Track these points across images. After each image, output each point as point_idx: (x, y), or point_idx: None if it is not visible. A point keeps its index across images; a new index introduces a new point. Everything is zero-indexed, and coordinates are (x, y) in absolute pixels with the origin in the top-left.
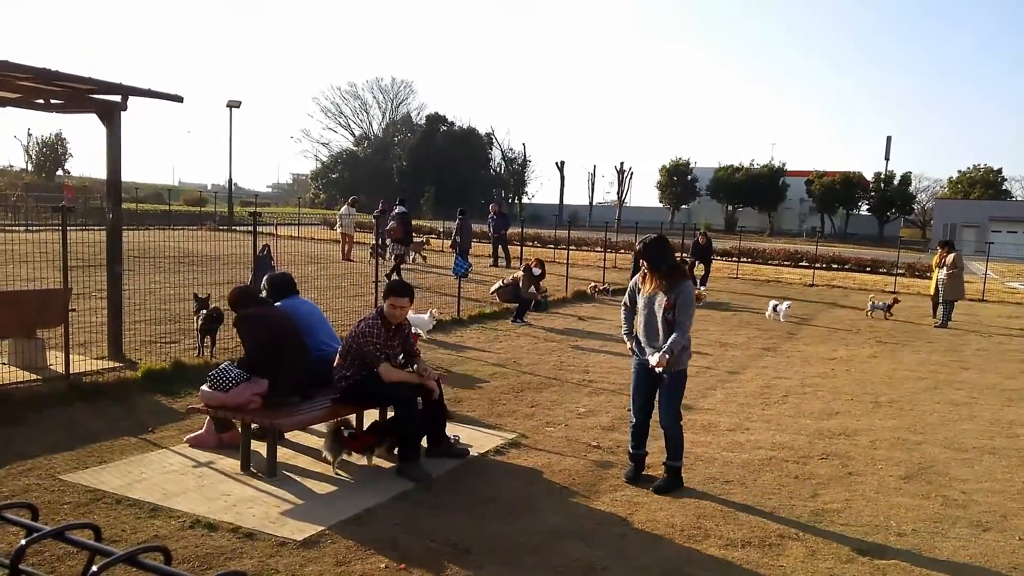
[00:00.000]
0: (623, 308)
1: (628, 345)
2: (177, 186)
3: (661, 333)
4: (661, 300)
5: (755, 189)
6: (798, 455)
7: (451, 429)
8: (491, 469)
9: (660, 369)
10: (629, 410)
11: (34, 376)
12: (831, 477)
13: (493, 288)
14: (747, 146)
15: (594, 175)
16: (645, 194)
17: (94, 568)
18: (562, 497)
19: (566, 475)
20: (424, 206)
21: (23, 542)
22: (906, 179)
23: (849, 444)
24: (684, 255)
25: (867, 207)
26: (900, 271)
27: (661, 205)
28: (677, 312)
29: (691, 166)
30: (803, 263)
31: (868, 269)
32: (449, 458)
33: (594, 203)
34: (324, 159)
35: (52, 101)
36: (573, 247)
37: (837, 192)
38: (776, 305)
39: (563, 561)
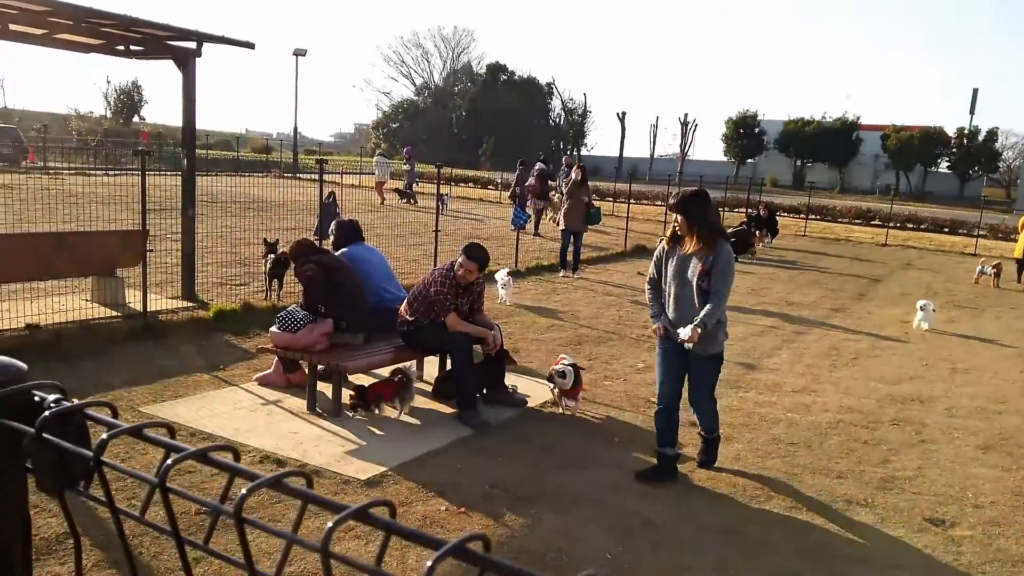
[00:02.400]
0: (648, 283)
1: (653, 327)
2: (244, 134)
3: (697, 304)
4: (696, 266)
5: (826, 143)
6: (868, 420)
7: (509, 379)
8: (549, 420)
9: (691, 345)
10: (653, 402)
11: (114, 313)
12: (903, 444)
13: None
14: (819, 98)
15: (656, 127)
16: (709, 147)
17: (243, 491)
18: (620, 451)
19: (624, 430)
20: (483, 157)
21: (169, 461)
22: (992, 135)
23: (923, 411)
24: (755, 210)
25: (947, 164)
26: (982, 232)
27: (726, 159)
28: (713, 279)
29: (759, 119)
30: (875, 222)
31: (946, 230)
32: (507, 407)
33: (655, 156)
34: (386, 109)
35: (132, 48)
36: (633, 200)
37: (915, 148)
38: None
39: (621, 514)
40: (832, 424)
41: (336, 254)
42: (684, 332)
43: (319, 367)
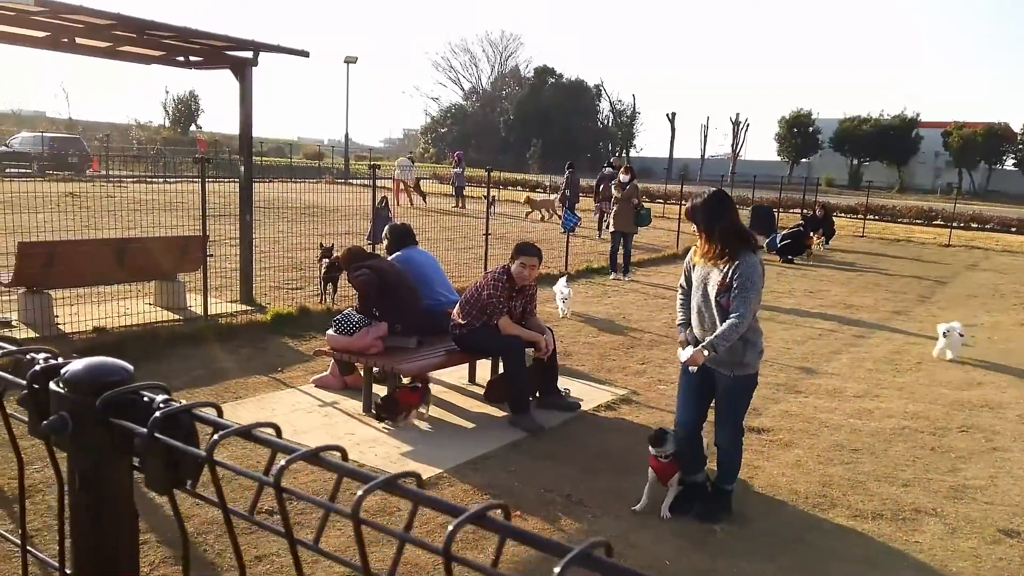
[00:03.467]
0: (679, 292)
1: (680, 338)
2: (296, 141)
3: (717, 321)
4: (716, 279)
5: (884, 142)
6: (934, 426)
7: (562, 382)
8: (602, 424)
9: (693, 369)
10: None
11: (176, 316)
12: (973, 451)
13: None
14: (876, 96)
15: (707, 127)
16: (762, 147)
17: (360, 492)
18: None
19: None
20: (530, 160)
21: (282, 462)
22: None
23: (993, 417)
24: (810, 211)
25: (1013, 162)
26: None
27: (779, 159)
28: (733, 293)
29: (813, 117)
30: (938, 221)
31: (1014, 229)
32: (560, 411)
33: (706, 156)
34: (434, 114)
35: (191, 58)
36: (684, 202)
37: (978, 145)
38: None
39: (679, 521)
40: (897, 431)
41: (389, 259)
42: (684, 353)
43: (374, 369)
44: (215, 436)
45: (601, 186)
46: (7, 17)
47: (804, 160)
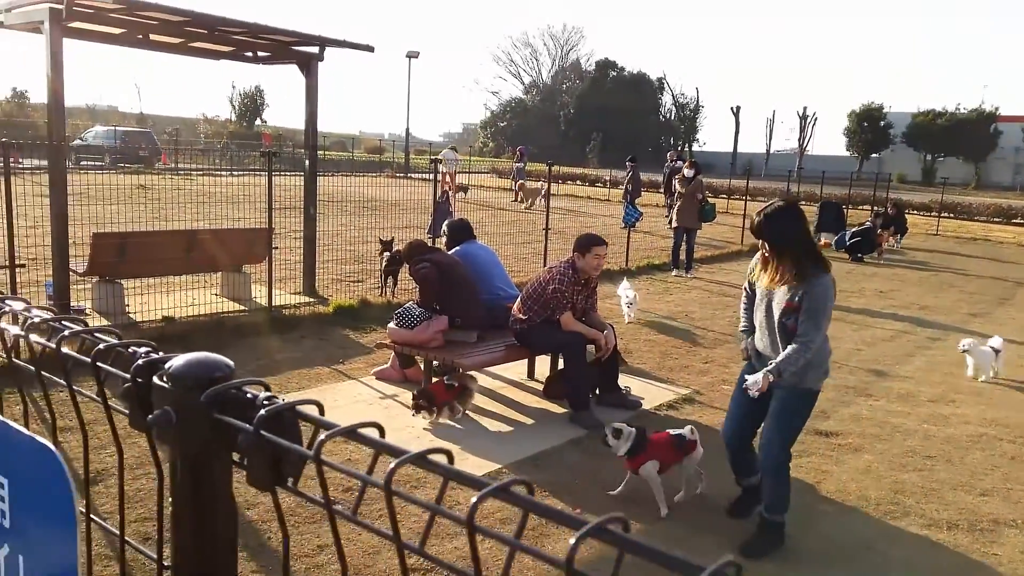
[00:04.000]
0: (743, 295)
1: (741, 346)
2: (358, 135)
3: (779, 342)
4: (782, 299)
5: (960, 136)
6: (1015, 434)
7: (622, 380)
8: (664, 423)
9: (755, 393)
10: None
11: (241, 307)
12: None
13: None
14: (952, 88)
15: (772, 121)
16: (830, 141)
17: (474, 499)
18: None
19: None
20: (590, 154)
21: (392, 464)
22: None
23: None
24: (881, 208)
25: None
26: None
27: (848, 154)
28: (802, 319)
29: (884, 111)
30: (1017, 220)
31: None
32: (620, 409)
33: (772, 151)
34: (493, 108)
35: (259, 54)
36: (748, 197)
37: None
38: None
39: (742, 524)
40: (974, 437)
41: (449, 253)
42: (752, 380)
43: (434, 363)
44: (322, 436)
45: (673, 180)
46: (86, 15)
47: (874, 155)
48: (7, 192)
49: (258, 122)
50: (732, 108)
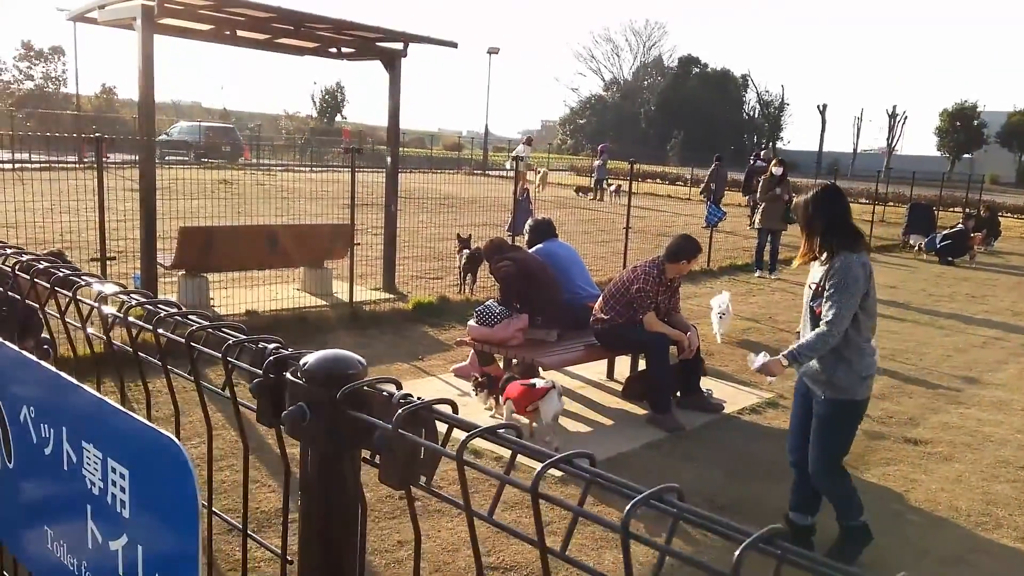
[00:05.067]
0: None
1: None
2: (436, 132)
3: (808, 330)
4: (811, 282)
5: None
6: None
7: (704, 383)
8: (747, 428)
9: (771, 379)
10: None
11: (323, 302)
12: None
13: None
14: None
15: (860, 119)
16: (920, 141)
17: (628, 507)
18: None
19: None
20: (671, 152)
21: (539, 468)
22: None
23: None
24: (974, 210)
25: None
26: None
27: (939, 154)
28: (824, 299)
29: (978, 110)
30: None
31: None
32: (702, 412)
33: (859, 150)
34: (573, 105)
35: (343, 50)
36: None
37: None
38: None
39: (829, 532)
40: None
41: (531, 251)
42: (756, 359)
43: (514, 361)
44: (464, 437)
45: (754, 179)
46: (176, 11)
47: (967, 156)
48: (99, 187)
49: (338, 118)
50: (818, 106)
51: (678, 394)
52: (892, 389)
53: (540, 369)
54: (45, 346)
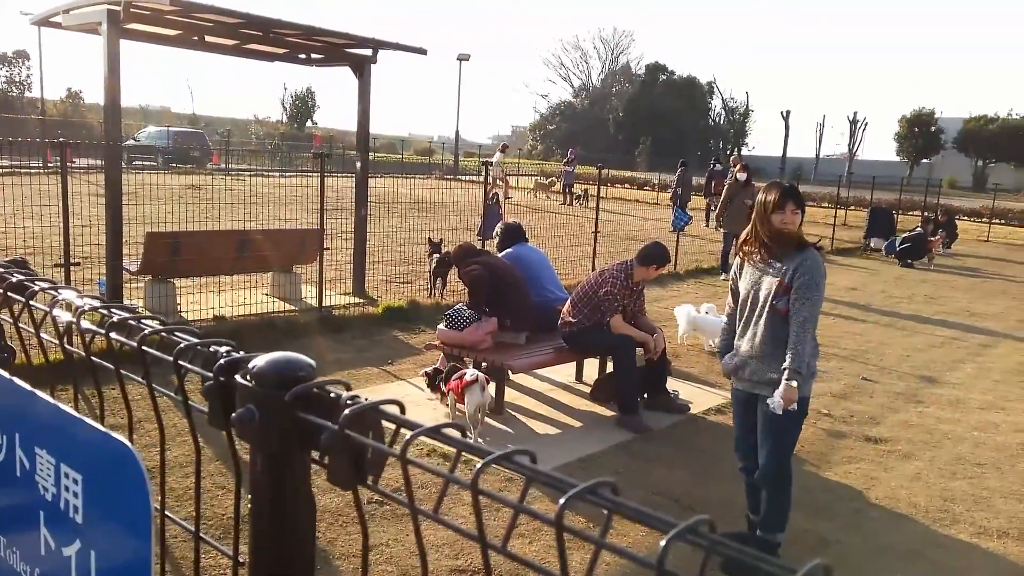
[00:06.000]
0: (726, 307)
1: (724, 370)
2: (407, 137)
3: (760, 333)
4: (770, 282)
5: (1012, 142)
6: None
7: (671, 384)
8: (712, 428)
9: (790, 407)
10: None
11: (292, 307)
12: None
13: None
14: (1005, 94)
15: (823, 125)
16: (880, 147)
17: (562, 501)
18: (794, 465)
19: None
20: (638, 158)
21: (479, 465)
22: None
23: None
24: (931, 214)
25: None
26: None
27: (898, 159)
28: (793, 296)
29: (936, 116)
30: None
31: None
32: (669, 413)
33: (821, 155)
34: (543, 111)
35: (313, 56)
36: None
37: None
38: None
39: (792, 531)
40: None
41: (500, 255)
42: (775, 400)
43: (483, 365)
44: (407, 436)
45: (713, 182)
46: (142, 16)
47: (925, 161)
48: (63, 191)
49: (309, 123)
50: (782, 112)
51: (645, 396)
52: (853, 389)
53: (509, 371)
54: (5, 354)
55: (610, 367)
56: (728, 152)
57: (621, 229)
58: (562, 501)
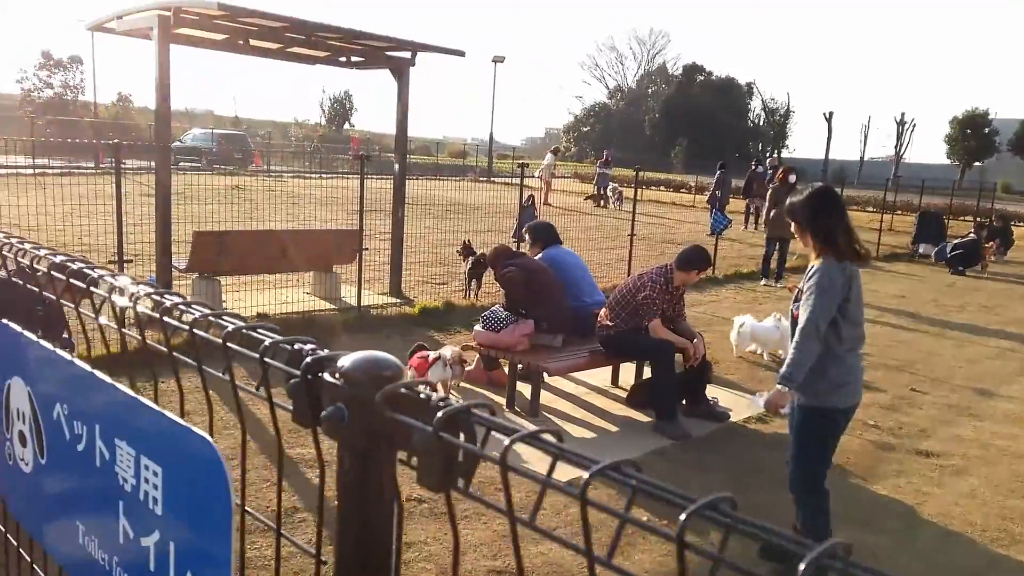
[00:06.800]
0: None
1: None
2: (442, 139)
3: (791, 340)
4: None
5: None
6: None
7: (710, 391)
8: (752, 436)
9: (784, 411)
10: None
11: (331, 306)
12: None
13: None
14: None
15: (868, 127)
16: (929, 149)
17: (682, 517)
18: (836, 477)
19: (840, 454)
20: (674, 159)
21: (586, 475)
22: None
23: None
24: (986, 219)
25: None
26: None
27: (949, 162)
28: (802, 301)
29: (990, 117)
30: None
31: None
32: (708, 420)
33: (866, 158)
34: (577, 113)
35: (353, 59)
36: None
37: None
38: None
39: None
40: None
41: (536, 257)
42: (758, 399)
43: (519, 367)
44: (506, 441)
45: (753, 184)
46: (191, 21)
47: (977, 164)
48: (118, 192)
49: (346, 126)
50: (825, 114)
51: (684, 402)
52: (902, 400)
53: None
54: (67, 347)
55: (647, 372)
56: (768, 154)
57: (657, 232)
58: (682, 518)
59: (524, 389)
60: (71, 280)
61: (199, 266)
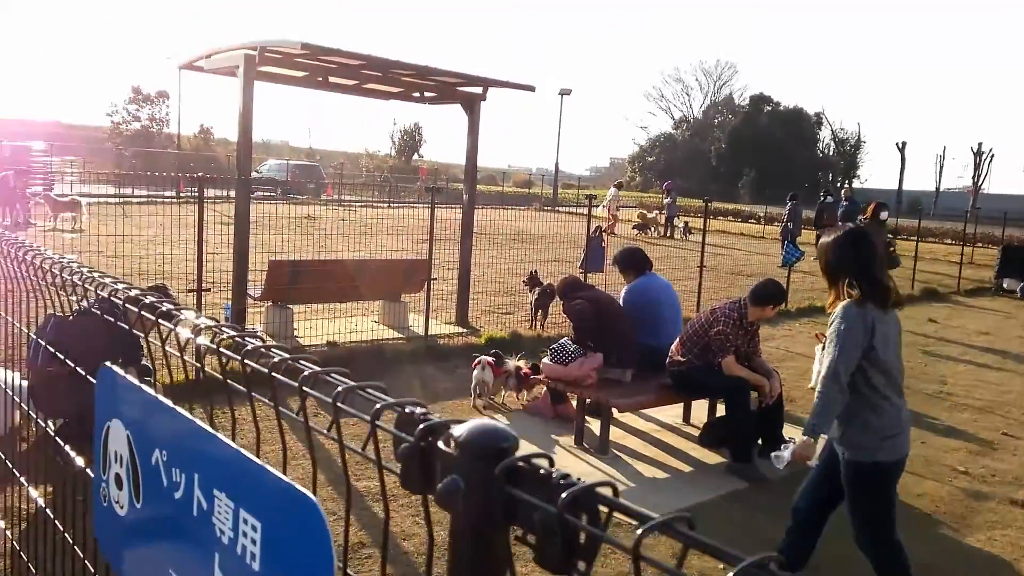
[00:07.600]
0: None
1: None
2: (507, 169)
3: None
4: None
5: None
6: None
7: (786, 431)
8: None
9: (812, 462)
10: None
11: (399, 335)
12: None
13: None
14: None
15: (943, 157)
16: (1011, 180)
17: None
18: (924, 525)
19: (927, 501)
20: (741, 189)
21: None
22: None
23: None
24: None
25: None
26: None
27: None
28: (825, 349)
29: None
30: None
31: None
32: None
33: (942, 189)
34: (642, 143)
35: (426, 94)
36: (919, 238)
37: None
38: None
39: None
40: None
41: (630, 286)
42: (783, 455)
43: (587, 401)
44: (639, 530)
45: (824, 215)
46: (275, 59)
47: None
48: (199, 223)
49: (415, 157)
50: (897, 144)
51: (760, 442)
52: (993, 445)
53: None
54: (147, 376)
55: (720, 410)
56: (839, 184)
57: (725, 263)
58: (639, 531)
59: (592, 424)
60: (142, 314)
61: (272, 295)
